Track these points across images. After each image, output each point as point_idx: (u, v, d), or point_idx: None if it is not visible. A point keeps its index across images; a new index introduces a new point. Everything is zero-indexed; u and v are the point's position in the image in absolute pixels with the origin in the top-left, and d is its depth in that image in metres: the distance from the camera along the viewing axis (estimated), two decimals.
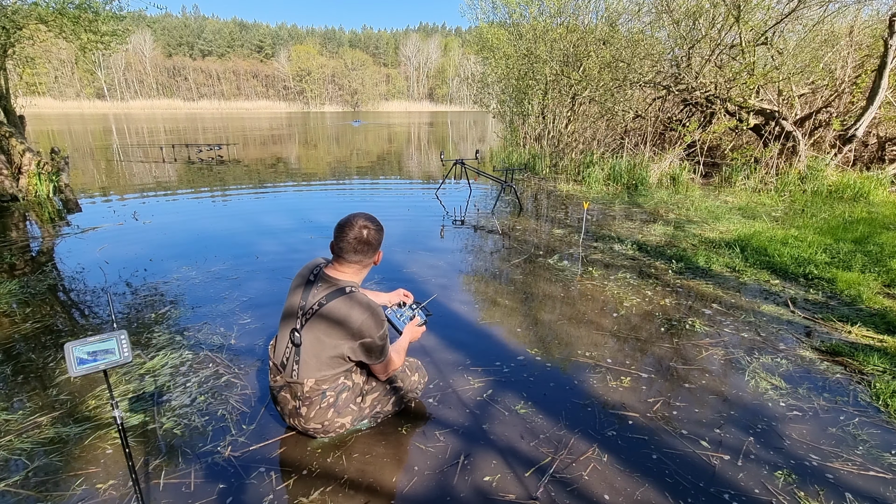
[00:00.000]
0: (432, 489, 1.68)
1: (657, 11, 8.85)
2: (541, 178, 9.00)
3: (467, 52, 42.00)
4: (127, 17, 7.91)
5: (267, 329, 2.85)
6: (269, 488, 1.68)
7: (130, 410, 2.08)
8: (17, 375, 2.34)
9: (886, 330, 2.88)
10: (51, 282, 3.58)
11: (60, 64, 58.43)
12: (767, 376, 2.41)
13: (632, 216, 5.91)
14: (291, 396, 1.75)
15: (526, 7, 10.63)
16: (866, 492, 1.68)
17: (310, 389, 1.71)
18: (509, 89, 11.75)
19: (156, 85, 79.09)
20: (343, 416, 1.78)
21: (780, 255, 4.15)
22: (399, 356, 1.89)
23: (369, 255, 1.74)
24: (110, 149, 14.02)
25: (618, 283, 3.68)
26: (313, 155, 13.37)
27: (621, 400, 2.20)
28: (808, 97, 8.76)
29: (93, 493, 1.65)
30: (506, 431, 1.99)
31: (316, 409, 1.74)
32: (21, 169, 6.51)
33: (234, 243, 4.62)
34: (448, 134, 24.01)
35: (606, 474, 1.75)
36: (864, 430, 2.01)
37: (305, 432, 1.83)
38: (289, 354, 1.74)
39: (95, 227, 5.20)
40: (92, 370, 1.32)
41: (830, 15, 8.14)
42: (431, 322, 2.95)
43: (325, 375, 1.71)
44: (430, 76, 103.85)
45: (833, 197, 6.81)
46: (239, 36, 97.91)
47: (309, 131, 24.40)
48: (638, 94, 9.65)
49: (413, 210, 6.23)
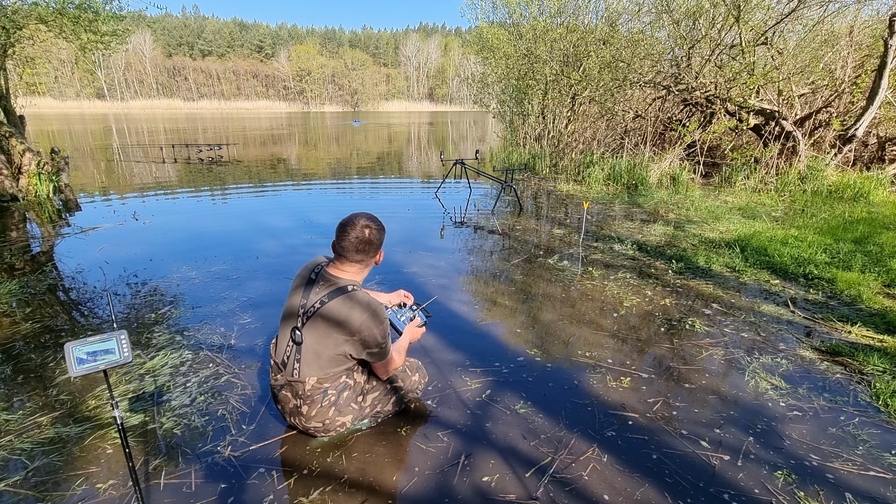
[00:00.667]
0: (432, 489, 1.68)
1: (657, 11, 8.85)
2: (541, 178, 9.01)
3: (467, 52, 42.02)
4: (127, 17, 7.91)
5: (267, 329, 2.85)
6: (269, 488, 1.68)
7: (130, 410, 2.08)
8: (17, 375, 2.34)
9: (886, 330, 2.88)
10: (51, 282, 3.58)
11: (60, 64, 58.39)
12: (767, 376, 2.41)
13: (632, 216, 5.91)
14: (292, 395, 1.75)
15: (526, 7, 10.64)
16: (866, 492, 1.68)
17: (311, 388, 1.71)
18: (509, 89, 11.76)
19: (156, 85, 79.09)
20: (344, 414, 1.79)
21: (780, 255, 4.15)
22: (400, 356, 1.89)
23: (371, 254, 1.74)
24: (110, 149, 14.02)
25: (618, 283, 3.68)
26: (313, 155, 13.37)
27: (621, 400, 2.20)
28: (808, 97, 8.76)
29: (93, 493, 1.65)
30: (506, 431, 1.99)
31: (317, 408, 1.74)
32: (21, 169, 6.51)
33: (234, 243, 4.62)
34: (448, 134, 24.01)
35: (606, 474, 1.75)
36: (864, 430, 2.01)
37: (306, 431, 1.83)
38: (290, 353, 1.74)
39: (95, 227, 5.20)
40: (92, 370, 1.31)
41: (830, 15, 8.14)
42: (432, 322, 2.95)
43: (326, 374, 1.71)
44: (430, 76, 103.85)
45: (833, 197, 6.81)
46: (239, 36, 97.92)
47: (309, 131, 24.40)
48: (638, 94, 9.65)
49: (413, 210, 6.23)
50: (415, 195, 7.36)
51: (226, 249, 4.41)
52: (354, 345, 1.69)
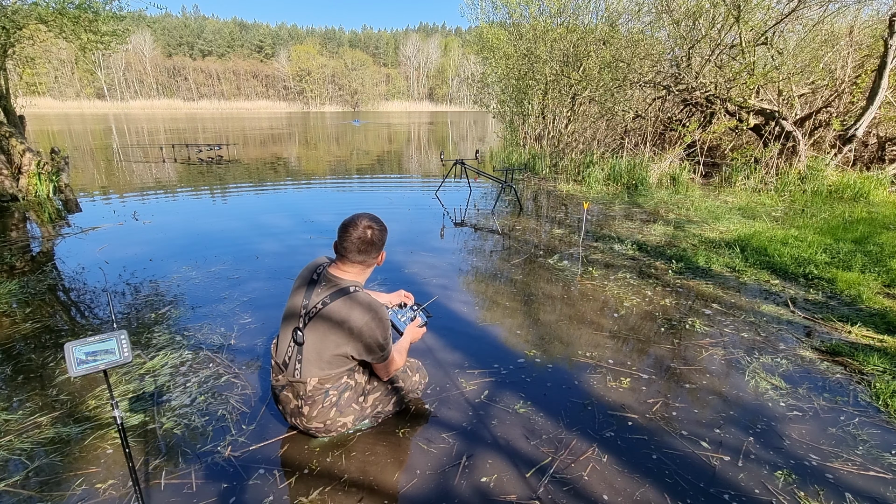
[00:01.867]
0: (433, 489, 1.68)
1: (657, 11, 8.85)
2: (541, 178, 9.00)
3: (467, 52, 42.00)
4: (127, 17, 7.91)
5: (267, 329, 2.85)
6: (269, 488, 1.68)
7: (130, 410, 2.08)
8: (17, 375, 2.34)
9: (886, 330, 2.87)
10: (51, 282, 3.58)
11: (60, 64, 58.37)
12: (767, 376, 2.41)
13: (632, 216, 5.91)
14: (294, 396, 1.75)
15: (526, 7, 10.63)
16: (866, 492, 1.68)
17: (312, 389, 1.71)
18: (509, 89, 11.75)
19: (156, 85, 79.09)
20: (345, 415, 1.79)
21: (780, 255, 4.15)
22: (401, 356, 1.89)
23: (373, 255, 1.74)
24: (110, 149, 14.02)
25: (618, 283, 3.68)
26: (313, 155, 13.37)
27: (621, 400, 2.20)
28: (808, 97, 8.76)
29: (93, 493, 1.65)
30: (506, 432, 1.99)
31: (318, 409, 1.74)
32: (21, 169, 6.51)
33: (235, 243, 4.62)
34: (448, 134, 24.01)
35: (606, 475, 1.75)
36: (864, 430, 2.01)
37: (307, 431, 1.83)
38: (291, 353, 1.74)
39: (95, 227, 5.20)
40: (92, 370, 1.32)
41: (830, 15, 8.14)
42: (432, 322, 2.95)
43: (327, 375, 1.71)
44: (430, 76, 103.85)
45: (833, 197, 6.81)
46: (239, 36, 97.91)
47: (309, 131, 24.40)
48: (638, 94, 9.65)
49: (413, 210, 6.23)
50: (415, 195, 7.36)
51: (226, 249, 4.41)
52: (356, 346, 1.69)
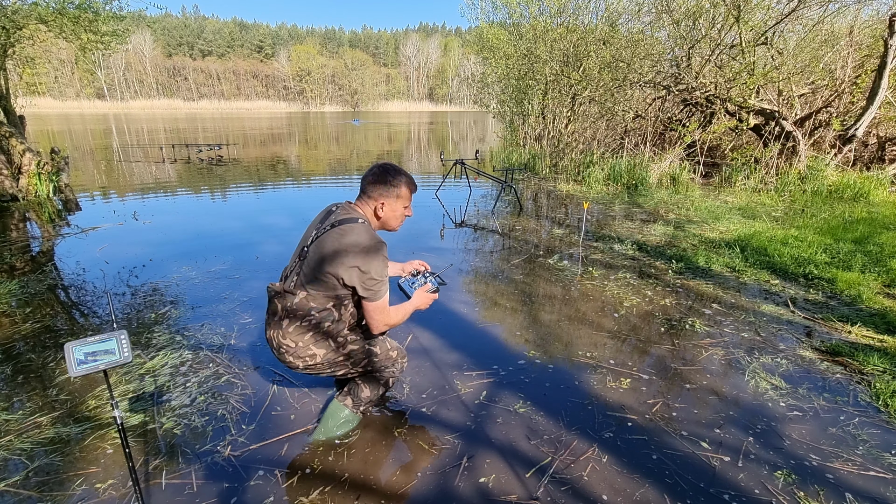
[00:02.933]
0: (433, 489, 1.68)
1: (657, 11, 8.85)
2: (541, 178, 9.00)
3: (467, 52, 42.00)
4: (127, 17, 7.92)
5: None
6: (269, 488, 1.68)
7: (130, 410, 2.08)
8: (17, 375, 2.34)
9: (886, 330, 2.87)
10: (51, 282, 3.58)
11: (60, 64, 58.44)
12: (767, 376, 2.41)
13: (632, 216, 5.91)
14: (281, 306, 1.79)
15: (526, 7, 10.64)
16: (866, 492, 1.68)
17: (299, 301, 1.75)
18: (509, 89, 11.75)
19: (156, 85, 79.10)
20: (318, 346, 1.79)
21: (780, 255, 4.15)
22: (398, 313, 1.88)
23: (386, 189, 1.87)
24: (110, 149, 14.02)
25: (618, 283, 3.68)
26: (313, 155, 13.37)
27: (621, 400, 2.20)
28: (808, 97, 8.75)
29: (93, 493, 1.65)
30: (506, 432, 1.99)
31: (296, 325, 1.76)
32: (21, 169, 6.51)
33: (235, 243, 4.62)
34: (448, 134, 24.01)
35: (606, 475, 1.75)
36: (864, 430, 2.01)
37: (279, 351, 1.81)
38: (293, 267, 1.84)
39: (95, 227, 5.20)
40: (92, 370, 1.31)
41: (830, 15, 8.14)
42: (431, 322, 2.96)
43: (316, 293, 1.75)
44: (430, 76, 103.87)
45: (833, 197, 6.81)
46: (239, 36, 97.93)
47: (309, 131, 24.40)
48: (638, 94, 9.65)
49: (413, 209, 6.22)
50: (415, 195, 7.35)
51: (226, 249, 4.41)
52: (347, 270, 1.70)
